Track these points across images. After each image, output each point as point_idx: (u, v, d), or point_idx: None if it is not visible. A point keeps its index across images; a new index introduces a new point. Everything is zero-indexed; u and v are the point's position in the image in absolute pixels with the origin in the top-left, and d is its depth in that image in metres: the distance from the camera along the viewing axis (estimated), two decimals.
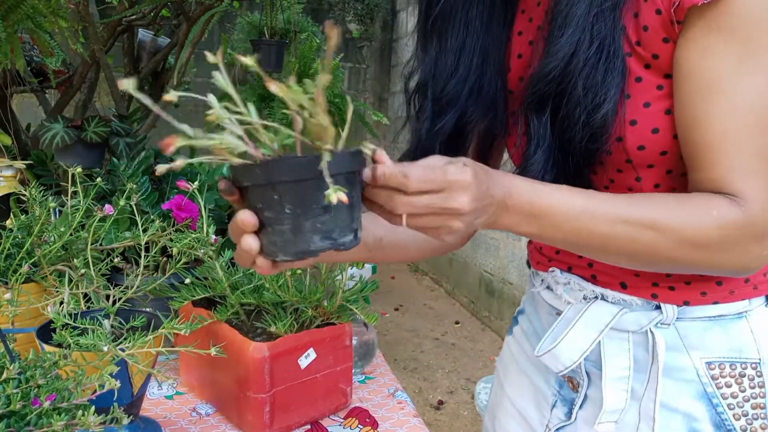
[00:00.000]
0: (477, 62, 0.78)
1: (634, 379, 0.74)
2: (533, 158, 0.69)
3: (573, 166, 0.68)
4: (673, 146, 0.66)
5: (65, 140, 1.56)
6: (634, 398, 0.74)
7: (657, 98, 0.65)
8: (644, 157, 0.67)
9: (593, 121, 0.64)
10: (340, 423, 1.01)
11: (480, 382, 2.14)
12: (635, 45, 0.64)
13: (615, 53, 0.64)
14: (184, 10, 1.97)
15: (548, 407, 0.84)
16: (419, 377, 3.39)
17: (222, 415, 1.01)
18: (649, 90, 0.65)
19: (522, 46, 0.78)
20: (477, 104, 0.78)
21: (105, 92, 2.33)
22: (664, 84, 0.64)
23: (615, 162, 0.69)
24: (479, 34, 0.78)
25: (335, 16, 6.29)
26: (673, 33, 0.62)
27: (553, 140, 0.68)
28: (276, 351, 0.92)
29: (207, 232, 1.03)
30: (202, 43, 2.16)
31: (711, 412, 0.71)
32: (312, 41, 3.05)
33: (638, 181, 0.69)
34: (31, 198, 1.03)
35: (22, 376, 0.65)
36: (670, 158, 0.67)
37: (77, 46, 1.53)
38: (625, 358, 0.74)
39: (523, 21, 0.78)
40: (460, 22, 0.77)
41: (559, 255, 0.81)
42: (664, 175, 0.68)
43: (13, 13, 1.31)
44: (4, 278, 0.99)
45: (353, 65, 6.55)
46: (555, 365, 0.77)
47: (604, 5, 0.64)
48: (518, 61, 0.78)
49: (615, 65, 0.64)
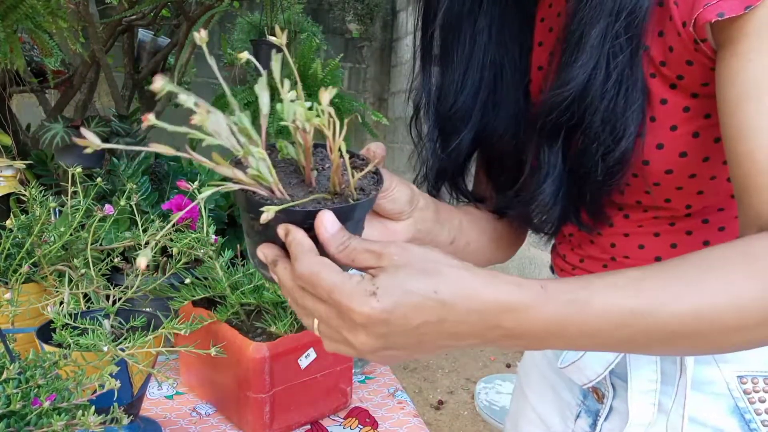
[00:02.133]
0: (488, 77, 0.73)
1: (662, 392, 0.70)
2: (542, 187, 0.64)
3: (588, 197, 0.64)
4: (702, 168, 0.62)
5: (65, 140, 1.56)
6: (661, 411, 0.71)
7: (684, 120, 0.61)
8: (672, 180, 0.64)
9: (611, 159, 0.60)
10: (340, 423, 1.01)
11: (480, 382, 2.14)
12: (660, 65, 0.60)
13: (635, 85, 0.59)
14: (184, 10, 1.97)
15: (572, 417, 0.81)
16: (419, 377, 3.39)
17: (222, 415, 1.01)
18: (676, 112, 0.61)
19: (542, 57, 0.73)
20: (496, 118, 0.74)
21: (105, 92, 2.33)
22: (691, 105, 0.61)
23: (642, 185, 0.65)
24: (488, 47, 0.73)
25: (335, 16, 6.29)
26: (697, 55, 0.57)
27: (566, 171, 0.64)
28: (276, 351, 0.92)
29: (207, 232, 1.03)
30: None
31: (743, 427, 0.67)
32: (312, 41, 3.05)
33: (667, 202, 0.66)
34: (31, 198, 1.03)
35: (22, 376, 0.65)
36: (699, 180, 0.63)
37: (77, 46, 1.53)
38: (652, 370, 0.70)
39: (542, 30, 0.74)
40: (465, 35, 0.73)
41: (584, 263, 0.77)
42: (695, 195, 0.65)
43: (13, 12, 1.31)
44: (4, 278, 0.99)
45: (353, 65, 6.55)
46: (579, 378, 0.74)
47: (621, 29, 0.58)
48: (539, 72, 0.74)
49: (635, 98, 0.59)
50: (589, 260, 0.76)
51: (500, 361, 3.61)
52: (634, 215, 0.70)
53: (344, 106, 2.94)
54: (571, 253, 0.79)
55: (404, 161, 6.18)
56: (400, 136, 6.30)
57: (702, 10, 0.54)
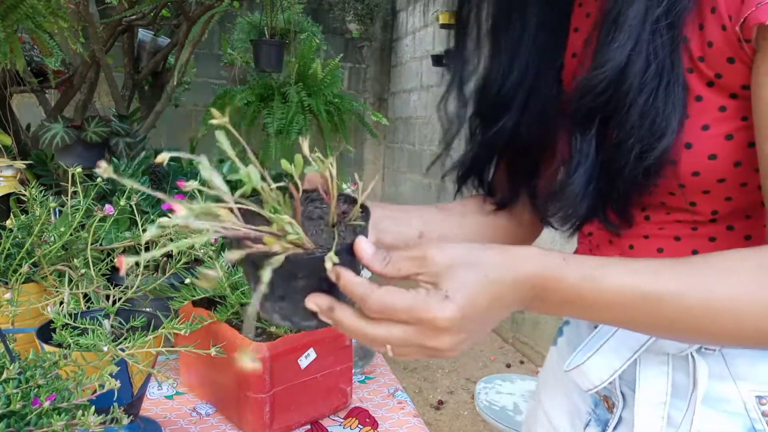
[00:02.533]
0: (533, 65, 0.72)
1: (672, 406, 0.67)
2: (572, 178, 0.62)
3: (618, 193, 0.61)
4: (733, 173, 0.58)
5: (65, 140, 1.56)
6: (671, 425, 0.67)
7: (718, 121, 0.57)
8: (698, 183, 0.60)
9: (649, 156, 0.57)
10: (340, 423, 1.01)
11: (480, 382, 2.14)
12: (698, 60, 0.57)
13: (676, 80, 0.56)
14: (184, 10, 1.97)
15: (582, 425, 0.79)
16: (419, 377, 3.39)
17: (222, 415, 1.01)
18: (710, 111, 0.57)
19: (577, 43, 0.71)
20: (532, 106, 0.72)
21: (105, 92, 2.33)
22: (728, 105, 0.57)
23: (667, 186, 0.62)
24: (537, 35, 0.71)
25: (335, 16, 6.29)
26: (741, 53, 0.54)
27: (598, 163, 0.61)
28: (276, 351, 0.92)
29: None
30: (202, 43, 2.17)
31: None
32: (312, 41, 3.05)
33: (692, 206, 0.63)
34: (31, 198, 1.03)
35: (22, 376, 0.65)
36: (728, 185, 0.59)
37: (77, 46, 1.53)
38: (663, 382, 0.67)
39: (580, 16, 0.71)
40: (516, 22, 0.72)
41: None
42: (723, 201, 0.61)
43: (13, 12, 1.31)
44: (4, 278, 0.99)
45: (353, 65, 6.55)
46: (583, 382, 0.71)
47: (661, 13, 0.55)
48: (572, 59, 0.72)
49: (676, 93, 0.56)
50: None
51: (500, 361, 3.61)
52: (655, 217, 0.67)
53: (344, 106, 2.94)
54: (590, 255, 0.75)
55: (404, 161, 6.18)
56: (400, 136, 6.30)
57: (754, 9, 0.51)
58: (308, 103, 2.85)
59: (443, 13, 4.98)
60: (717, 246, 0.63)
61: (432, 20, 5.43)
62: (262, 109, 2.90)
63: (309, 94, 2.89)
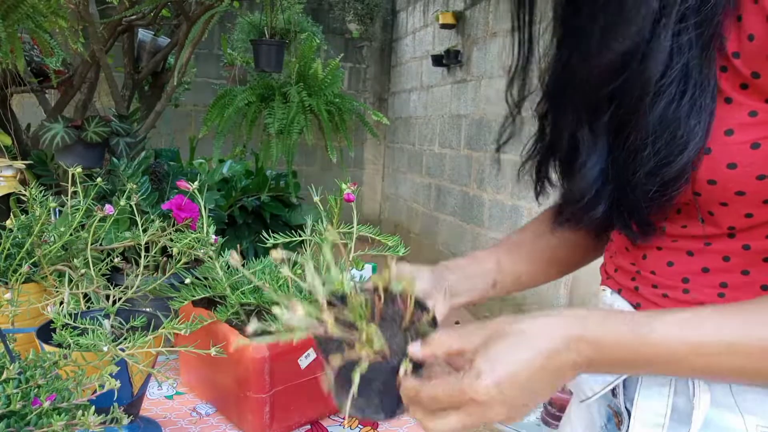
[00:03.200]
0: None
1: (670, 429, 0.64)
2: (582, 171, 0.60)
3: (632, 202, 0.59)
4: (755, 187, 0.53)
5: (65, 140, 1.56)
6: None
7: (744, 126, 0.52)
8: (714, 192, 0.55)
9: (667, 173, 0.53)
10: (340, 423, 1.01)
11: None
12: (732, 57, 0.51)
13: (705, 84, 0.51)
14: (184, 10, 1.97)
15: None
16: None
17: (222, 415, 1.01)
18: (738, 114, 0.52)
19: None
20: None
21: (105, 92, 2.33)
22: (760, 110, 0.51)
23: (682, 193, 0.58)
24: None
25: (335, 16, 6.29)
26: None
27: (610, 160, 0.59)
28: (276, 351, 0.92)
29: (207, 232, 1.03)
30: (202, 43, 2.17)
31: None
32: (312, 41, 3.05)
33: (711, 215, 0.57)
34: (31, 198, 1.03)
35: (22, 376, 0.65)
36: (748, 200, 0.54)
37: (77, 46, 1.53)
38: (662, 404, 0.64)
39: None
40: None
41: (617, 274, 0.71)
42: (742, 217, 0.56)
43: (13, 12, 1.31)
44: (4, 278, 0.99)
45: (353, 65, 6.55)
46: (577, 392, 0.70)
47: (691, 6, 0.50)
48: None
49: (704, 102, 0.51)
50: (621, 272, 0.70)
51: None
52: (671, 229, 0.63)
53: (345, 106, 2.94)
54: (609, 261, 0.74)
55: (404, 161, 6.18)
56: (400, 135, 6.30)
57: None
58: (309, 103, 2.85)
59: (443, 13, 4.99)
60: (729, 267, 0.59)
61: (432, 20, 5.44)
62: (263, 109, 2.90)
63: (310, 94, 2.89)
